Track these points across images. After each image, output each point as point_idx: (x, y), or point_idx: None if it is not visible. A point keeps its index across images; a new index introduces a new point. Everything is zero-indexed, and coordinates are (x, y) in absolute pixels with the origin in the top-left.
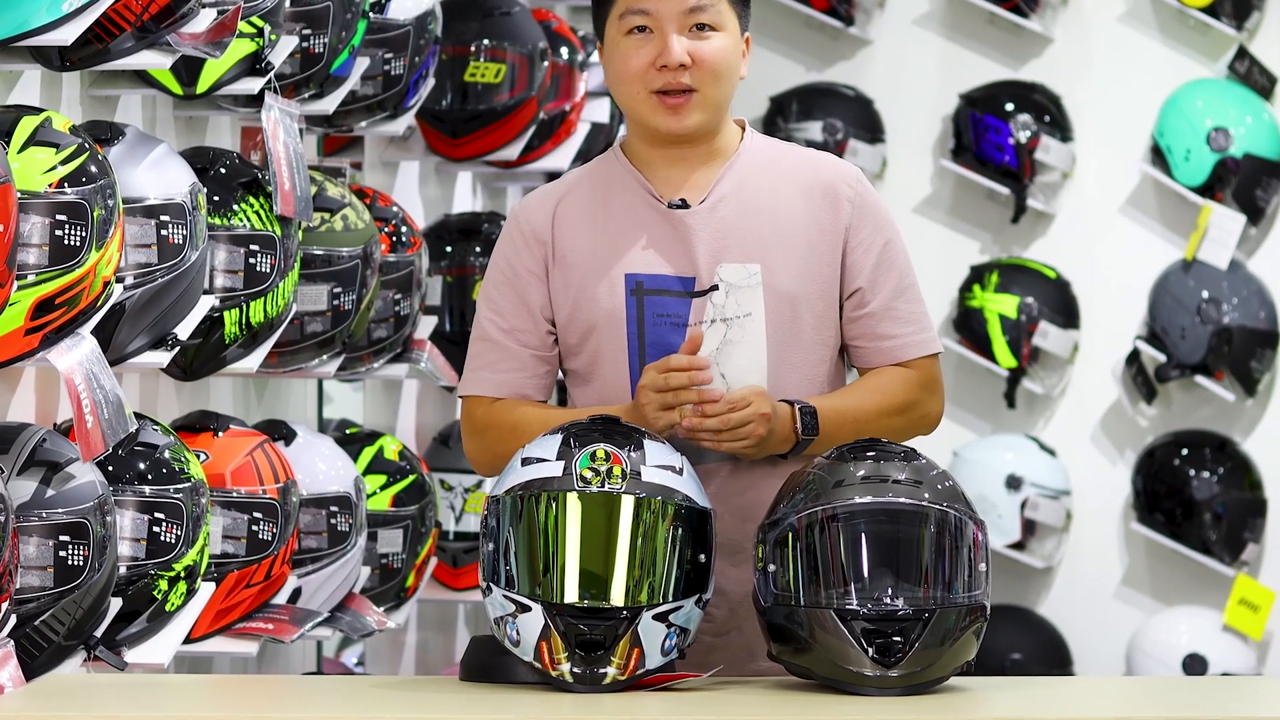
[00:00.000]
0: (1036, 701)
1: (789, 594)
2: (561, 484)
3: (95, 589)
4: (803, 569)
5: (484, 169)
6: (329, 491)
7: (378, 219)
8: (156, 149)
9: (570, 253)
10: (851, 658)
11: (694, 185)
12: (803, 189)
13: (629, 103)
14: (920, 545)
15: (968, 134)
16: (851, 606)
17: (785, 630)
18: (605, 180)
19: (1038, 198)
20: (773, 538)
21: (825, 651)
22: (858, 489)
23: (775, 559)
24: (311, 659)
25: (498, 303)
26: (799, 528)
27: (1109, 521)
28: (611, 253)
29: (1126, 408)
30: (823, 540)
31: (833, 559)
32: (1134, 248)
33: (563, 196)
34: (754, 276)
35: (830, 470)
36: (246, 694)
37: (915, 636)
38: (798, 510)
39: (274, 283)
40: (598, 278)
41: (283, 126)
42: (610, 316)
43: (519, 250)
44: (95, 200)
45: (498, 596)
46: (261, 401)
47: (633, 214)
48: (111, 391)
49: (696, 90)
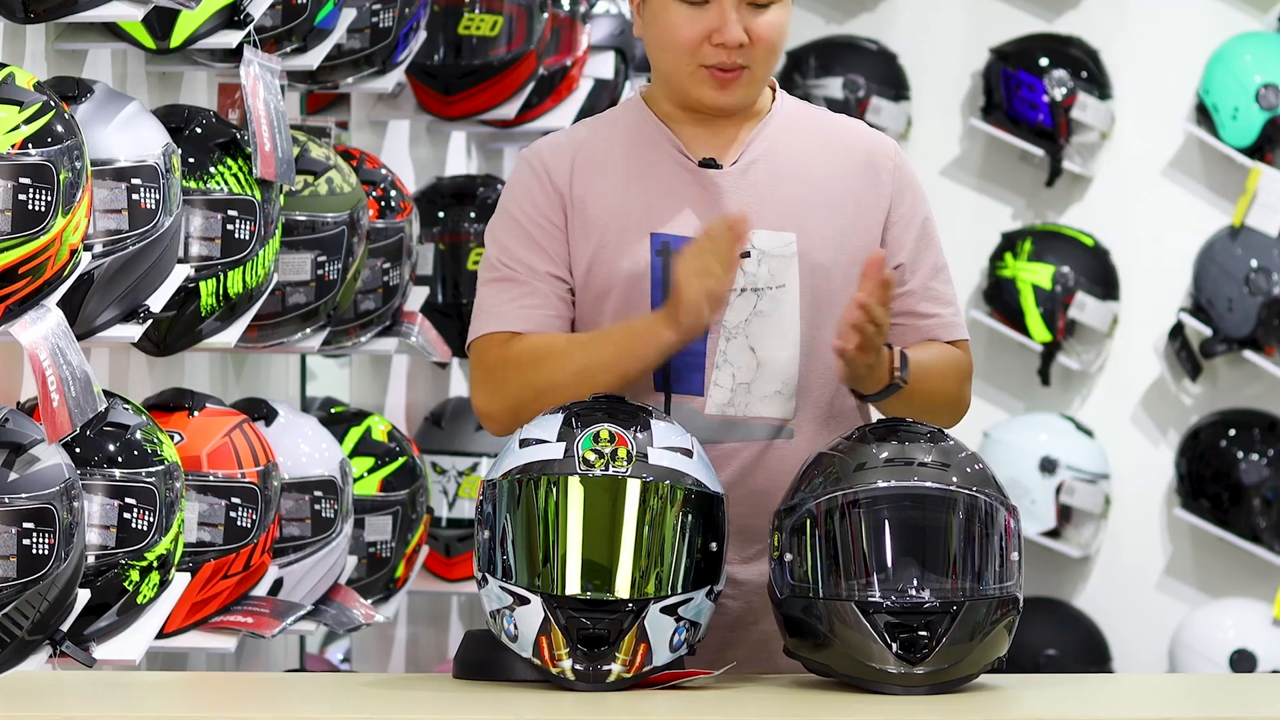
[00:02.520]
0: (1073, 701)
1: (807, 585)
2: (562, 467)
3: (61, 580)
4: (821, 558)
5: (479, 129)
6: (312, 475)
7: (365, 182)
8: (127, 107)
9: (590, 206)
10: (874, 654)
11: (724, 144)
12: (841, 156)
13: (672, 72)
14: (948, 533)
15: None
16: (874, 599)
17: (803, 624)
18: (627, 132)
19: (1074, 159)
20: (789, 525)
21: (846, 647)
22: (880, 472)
23: (792, 548)
24: (294, 655)
25: (511, 247)
26: (817, 514)
27: (1150, 507)
28: (635, 210)
29: (1169, 385)
30: (843, 527)
31: (854, 547)
32: (1177, 213)
33: (581, 145)
34: (789, 246)
35: (851, 452)
36: (224, 693)
37: (942, 631)
38: (816, 495)
39: (254, 251)
40: (620, 236)
41: (263, 83)
42: (632, 278)
43: (535, 196)
44: (61, 162)
45: (494, 588)
46: (240, 378)
47: (659, 170)
48: (79, 368)
49: (748, 68)
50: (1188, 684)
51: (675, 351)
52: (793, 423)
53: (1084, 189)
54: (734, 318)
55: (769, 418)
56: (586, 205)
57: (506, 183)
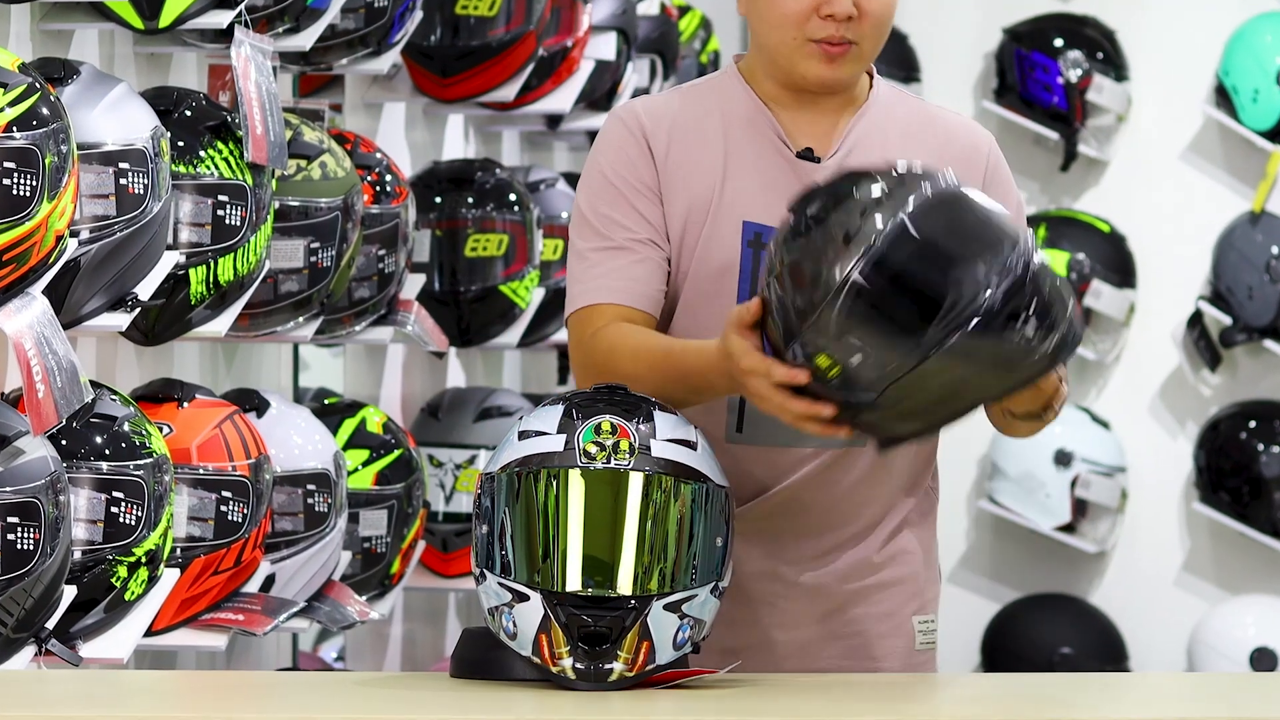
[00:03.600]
0: (1088, 700)
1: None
2: (563, 460)
3: (47, 576)
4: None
5: (477, 111)
6: (305, 468)
7: (359, 166)
8: (115, 89)
9: (685, 181)
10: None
11: (822, 133)
12: (938, 147)
13: (778, 46)
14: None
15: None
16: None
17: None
18: (728, 107)
19: (1090, 143)
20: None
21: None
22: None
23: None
24: (286, 653)
25: (607, 213)
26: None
27: (1168, 501)
28: (729, 194)
29: (1188, 375)
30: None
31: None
32: (1196, 198)
33: (678, 112)
34: None
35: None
36: (214, 692)
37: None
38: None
39: (245, 237)
40: (712, 217)
41: (254, 64)
42: (722, 265)
43: (631, 156)
44: (47, 146)
45: (492, 584)
46: (231, 369)
47: (755, 155)
48: (65, 358)
49: (856, 43)
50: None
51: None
52: None
53: (1100, 173)
54: None
55: None
56: (682, 178)
57: (597, 140)
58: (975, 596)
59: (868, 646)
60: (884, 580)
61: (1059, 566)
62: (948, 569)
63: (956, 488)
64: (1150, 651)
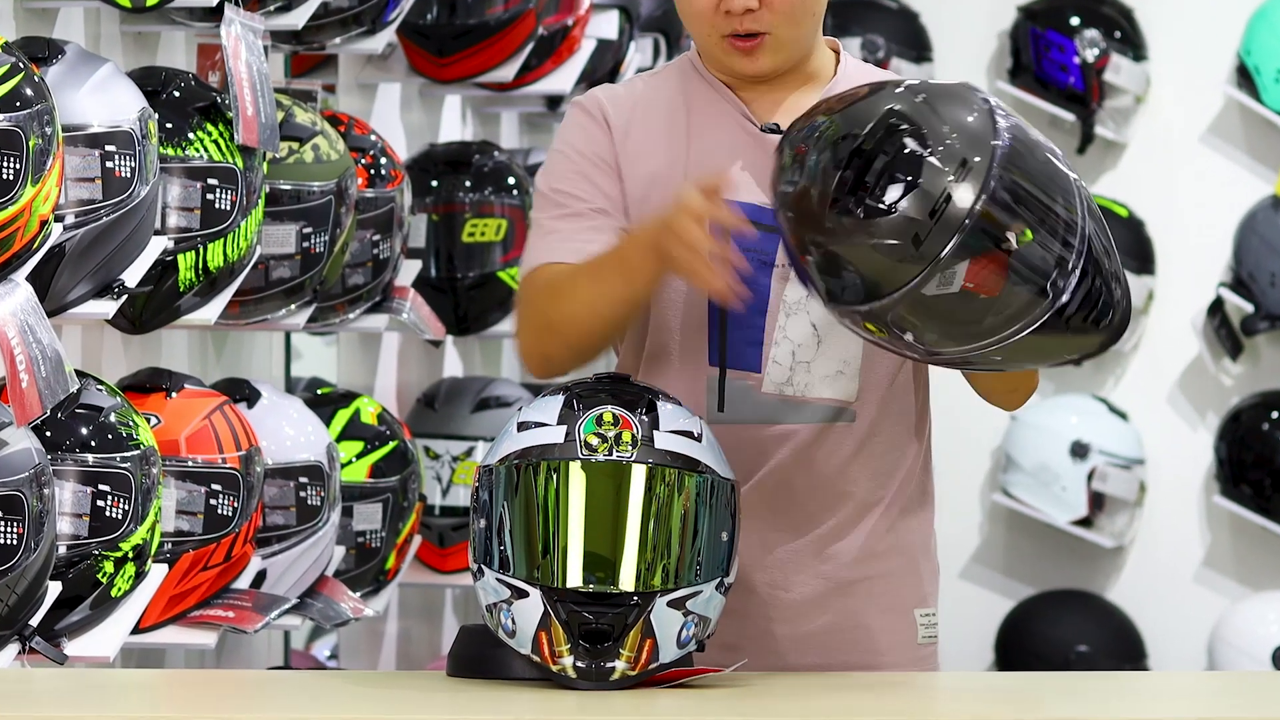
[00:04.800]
0: (1105, 699)
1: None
2: (563, 452)
3: (31, 571)
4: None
5: (475, 92)
6: (298, 460)
7: (353, 149)
8: (101, 70)
9: (650, 160)
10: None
11: (786, 109)
12: None
13: (700, 43)
14: None
15: (1027, 52)
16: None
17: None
18: (684, 89)
19: (1107, 125)
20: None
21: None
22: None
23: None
24: (278, 652)
25: (561, 186)
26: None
27: (1188, 494)
28: (694, 166)
29: (1208, 365)
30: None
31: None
32: (1217, 182)
33: (640, 96)
34: None
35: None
36: (204, 692)
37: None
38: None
39: (235, 222)
40: (677, 189)
41: (245, 44)
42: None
43: (590, 133)
44: (31, 128)
45: (490, 580)
46: (221, 358)
47: (719, 132)
48: (50, 346)
49: (769, 33)
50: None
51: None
52: (854, 405)
53: (1117, 156)
54: (794, 292)
55: (829, 399)
56: (644, 153)
57: (559, 132)
58: (988, 593)
59: (870, 640)
60: (883, 572)
61: (1075, 562)
62: (960, 564)
63: (969, 480)
64: (1169, 650)
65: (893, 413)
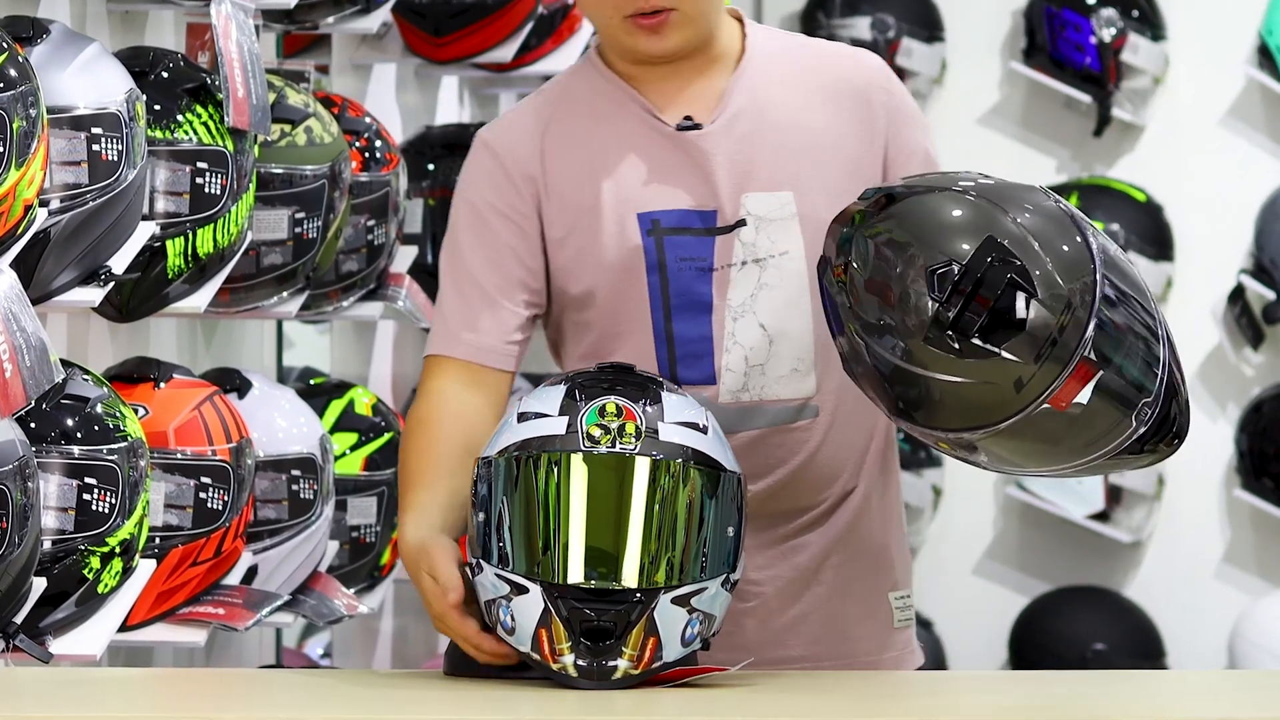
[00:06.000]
0: (1123, 698)
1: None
2: (565, 443)
3: (15, 567)
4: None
5: (472, 73)
6: (290, 452)
7: (347, 132)
8: (87, 49)
9: (567, 191)
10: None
11: (698, 99)
12: (830, 94)
13: (601, 27)
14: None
15: (1042, 32)
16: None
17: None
18: (590, 99)
19: (1124, 106)
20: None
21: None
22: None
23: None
24: (270, 650)
25: (476, 250)
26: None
27: (1208, 488)
28: (616, 189)
29: (1229, 354)
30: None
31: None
32: (1237, 165)
33: (547, 123)
34: (787, 206)
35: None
36: (193, 691)
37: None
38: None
39: (225, 207)
40: (603, 221)
41: (235, 23)
42: (625, 266)
43: (504, 190)
44: (14, 110)
45: (489, 576)
46: (210, 347)
47: (633, 139)
48: (34, 335)
49: (675, 9)
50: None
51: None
52: (815, 399)
53: (1135, 139)
54: (738, 295)
55: (788, 399)
56: (564, 192)
57: (464, 170)
58: (1002, 589)
59: (844, 628)
60: (854, 558)
61: (1091, 557)
62: (973, 560)
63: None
64: (1189, 648)
65: (851, 398)
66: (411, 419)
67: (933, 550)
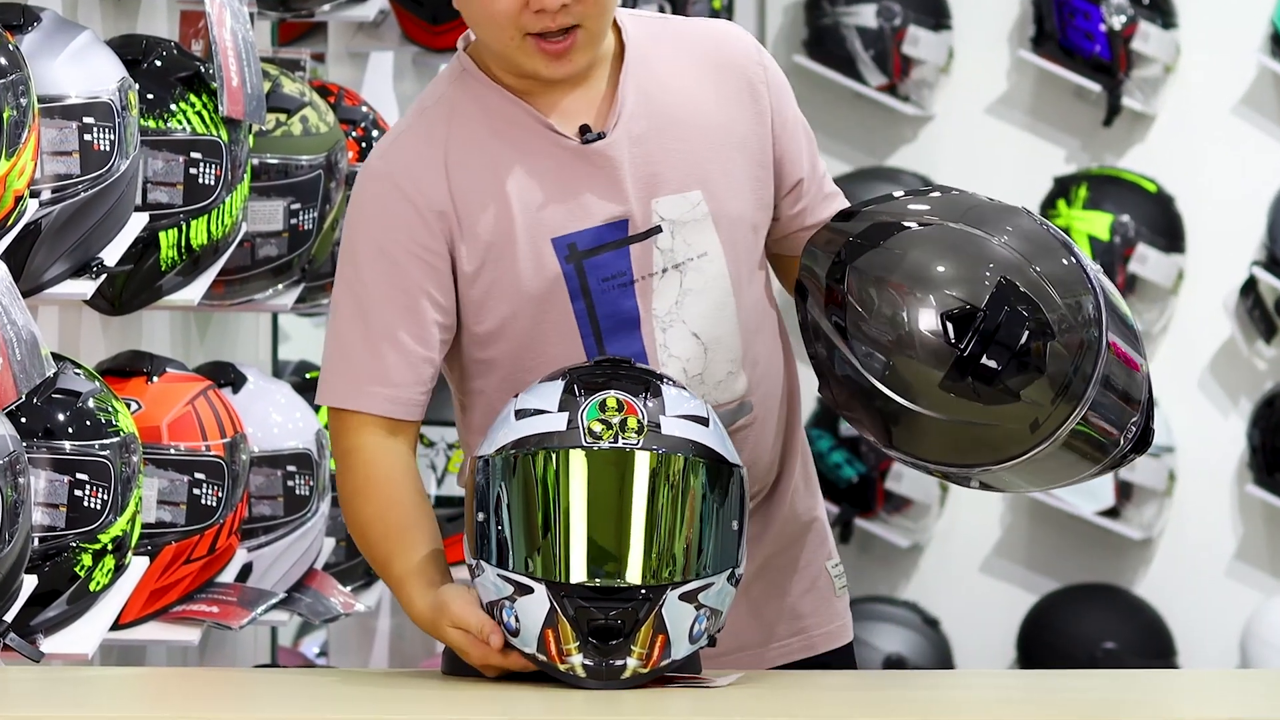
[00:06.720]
0: (1133, 698)
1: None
2: (565, 439)
3: (5, 565)
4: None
5: None
6: (285, 448)
7: (343, 121)
8: (79, 38)
9: (479, 222)
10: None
11: (588, 104)
12: (713, 77)
13: (496, 46)
14: None
15: (1051, 19)
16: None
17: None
18: (483, 117)
19: (1134, 95)
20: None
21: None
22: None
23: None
24: (265, 649)
25: (389, 296)
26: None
27: (1220, 484)
28: (526, 214)
29: (1241, 347)
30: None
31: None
32: (1250, 155)
33: (445, 148)
34: (699, 206)
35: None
36: (187, 690)
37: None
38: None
39: (219, 198)
40: (518, 250)
41: (230, 10)
42: (543, 298)
43: (415, 229)
44: (5, 99)
45: (490, 576)
46: (204, 340)
47: (536, 158)
48: (25, 328)
49: (581, 26)
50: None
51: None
52: (748, 396)
53: (1145, 129)
54: (663, 304)
55: (727, 402)
56: (474, 224)
57: (363, 205)
58: (1011, 587)
59: (795, 606)
60: (798, 536)
61: (1101, 554)
62: (981, 557)
63: None
64: (1200, 646)
65: (767, 384)
66: (348, 487)
67: (940, 548)
